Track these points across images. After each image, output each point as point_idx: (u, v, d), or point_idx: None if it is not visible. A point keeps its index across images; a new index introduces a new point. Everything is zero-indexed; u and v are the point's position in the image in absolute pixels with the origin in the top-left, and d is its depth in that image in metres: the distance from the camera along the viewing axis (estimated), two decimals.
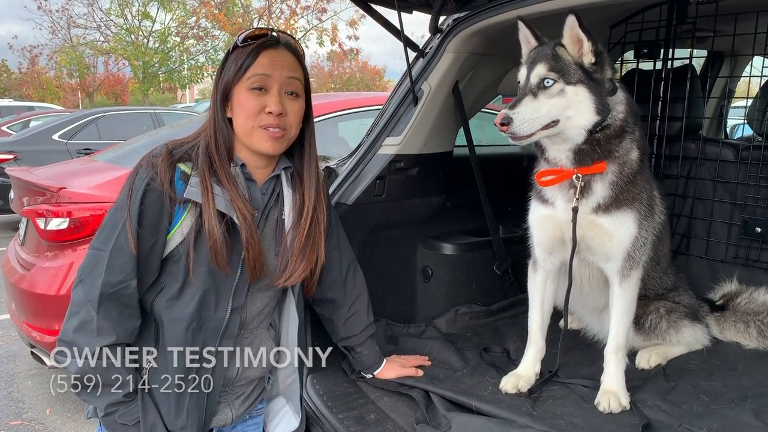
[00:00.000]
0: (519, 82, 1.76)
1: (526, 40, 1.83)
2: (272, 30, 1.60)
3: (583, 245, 1.88)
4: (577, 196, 1.79)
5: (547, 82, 1.69)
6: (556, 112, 1.69)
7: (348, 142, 4.47)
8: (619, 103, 1.78)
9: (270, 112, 1.55)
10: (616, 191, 1.81)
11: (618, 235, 1.84)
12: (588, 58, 1.70)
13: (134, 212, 1.47)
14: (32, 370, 4.26)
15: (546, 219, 1.93)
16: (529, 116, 1.66)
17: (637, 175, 1.84)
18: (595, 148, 1.76)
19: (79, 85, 31.13)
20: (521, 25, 1.83)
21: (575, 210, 1.79)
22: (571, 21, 1.68)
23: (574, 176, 1.79)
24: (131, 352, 1.55)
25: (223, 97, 1.58)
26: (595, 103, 1.70)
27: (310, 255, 1.71)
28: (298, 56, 1.64)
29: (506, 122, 1.64)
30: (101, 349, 1.47)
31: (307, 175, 1.71)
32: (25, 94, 29.67)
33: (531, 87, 1.70)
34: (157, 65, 28.20)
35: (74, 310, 1.49)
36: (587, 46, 1.69)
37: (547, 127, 1.69)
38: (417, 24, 2.43)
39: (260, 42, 1.56)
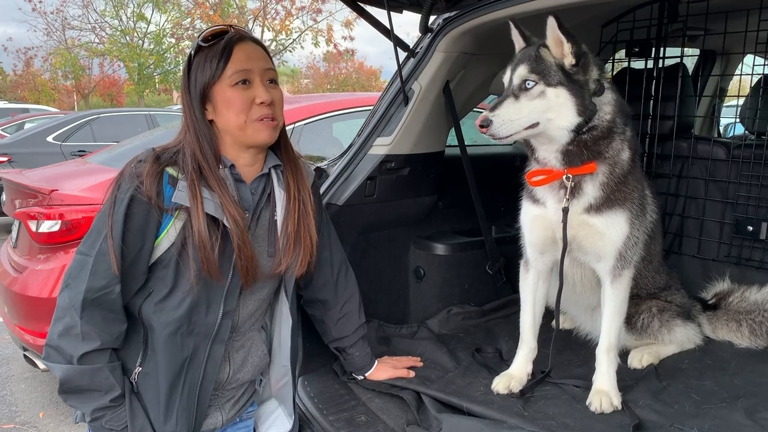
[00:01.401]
0: (504, 83, 1.77)
1: (516, 40, 1.84)
2: (227, 26, 1.59)
3: (575, 245, 1.87)
4: (567, 197, 1.79)
5: (528, 84, 1.69)
6: (536, 114, 1.69)
7: (342, 142, 4.46)
8: (607, 103, 1.77)
9: (261, 102, 1.55)
10: (607, 191, 1.81)
11: (610, 235, 1.84)
12: (569, 60, 1.70)
13: (119, 218, 1.45)
14: (25, 374, 4.25)
15: (537, 219, 1.92)
16: (509, 118, 1.67)
17: (628, 175, 1.84)
18: (582, 149, 1.75)
19: (74, 87, 31.10)
20: (512, 26, 1.83)
21: (565, 210, 1.79)
22: (551, 22, 1.68)
23: (564, 177, 1.79)
24: (118, 357, 1.54)
25: (200, 100, 1.55)
26: (576, 104, 1.69)
27: (305, 239, 1.71)
28: (265, 47, 1.64)
29: (485, 124, 1.66)
30: (86, 354, 1.45)
31: (288, 165, 1.70)
32: (20, 96, 29.63)
33: (513, 88, 1.71)
34: (152, 67, 28.18)
35: (59, 315, 1.48)
36: (567, 47, 1.68)
37: (528, 128, 1.70)
38: (412, 24, 2.42)
39: (229, 38, 1.55)
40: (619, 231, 1.84)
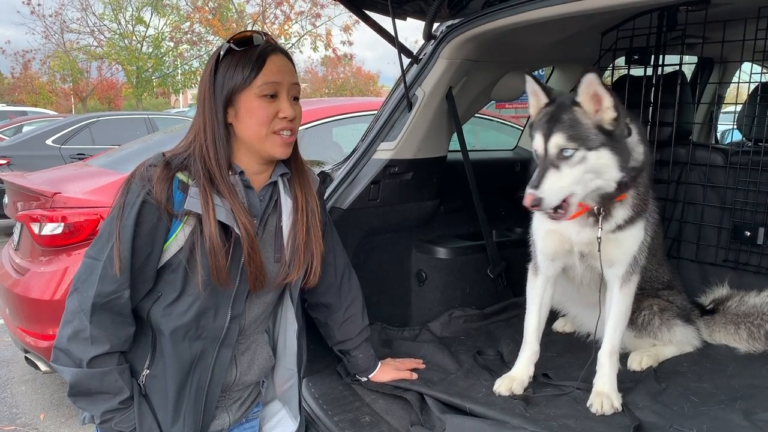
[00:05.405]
0: (535, 150, 1.70)
1: (535, 94, 1.76)
2: (257, 32, 1.60)
3: (592, 255, 1.90)
4: (600, 227, 1.80)
5: (567, 152, 1.63)
6: (579, 180, 1.65)
7: (342, 147, 4.49)
8: (636, 143, 1.77)
9: (284, 117, 1.56)
10: (635, 210, 1.85)
11: (628, 244, 1.89)
12: (609, 115, 1.63)
13: (129, 223, 1.46)
14: (26, 375, 4.25)
15: (551, 233, 1.94)
16: (556, 189, 1.63)
17: (648, 188, 1.88)
18: (620, 188, 1.75)
19: (72, 90, 31.07)
20: (529, 80, 1.75)
21: (600, 239, 1.80)
22: (591, 78, 1.61)
23: (595, 208, 1.80)
24: (127, 360, 1.55)
25: (224, 103, 1.55)
26: (618, 161, 1.67)
27: (317, 249, 1.74)
28: (292, 61, 1.65)
29: (537, 203, 1.61)
30: (96, 357, 1.46)
31: (297, 175, 1.72)
32: (18, 98, 29.55)
33: (551, 159, 1.65)
34: (150, 70, 28.18)
35: (68, 318, 1.48)
36: (608, 101, 1.62)
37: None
38: (411, 30, 2.45)
39: (264, 47, 1.56)
40: (637, 240, 1.89)
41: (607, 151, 1.65)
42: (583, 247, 1.87)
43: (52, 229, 3.47)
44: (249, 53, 1.54)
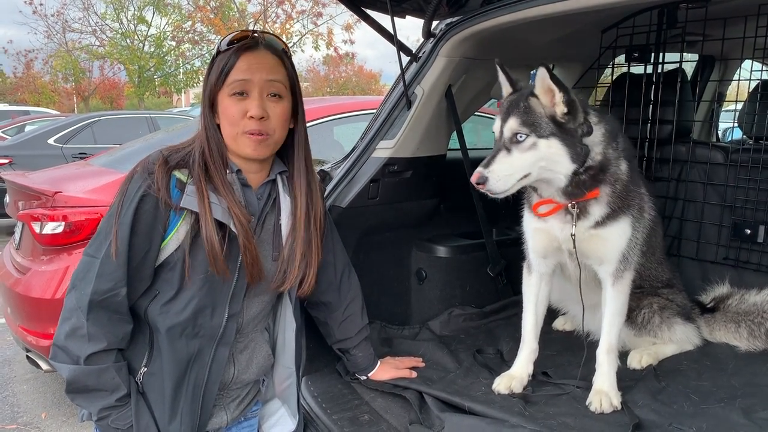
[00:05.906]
0: (494, 133, 1.77)
1: (503, 84, 1.83)
2: (254, 32, 1.59)
3: (579, 253, 1.90)
4: (574, 223, 1.82)
5: (520, 137, 1.69)
6: (529, 166, 1.70)
7: (343, 145, 4.49)
8: (597, 143, 1.79)
9: (251, 117, 1.53)
10: (612, 207, 1.85)
11: (614, 241, 1.88)
12: (560, 109, 1.69)
13: (127, 221, 1.47)
14: (27, 374, 4.26)
15: (539, 231, 1.96)
16: (504, 173, 1.68)
17: (628, 184, 1.88)
18: (582, 186, 1.78)
19: (74, 89, 31.16)
20: (499, 70, 1.82)
21: (574, 236, 1.82)
22: (542, 73, 1.66)
23: (569, 205, 1.82)
24: (124, 357, 1.56)
25: (210, 104, 1.58)
26: (568, 153, 1.71)
27: (316, 257, 1.74)
28: (281, 56, 1.61)
29: (482, 181, 1.66)
30: (93, 354, 1.47)
31: (297, 175, 1.70)
32: (21, 98, 29.57)
33: (504, 141, 1.71)
34: (152, 69, 28.24)
35: (66, 315, 1.49)
36: (558, 96, 1.68)
37: (522, 178, 1.71)
38: (411, 28, 2.45)
39: (239, 45, 1.54)
40: (623, 236, 1.89)
41: (557, 141, 1.70)
42: (569, 244, 1.87)
43: (53, 228, 3.48)
44: (228, 52, 1.55)
